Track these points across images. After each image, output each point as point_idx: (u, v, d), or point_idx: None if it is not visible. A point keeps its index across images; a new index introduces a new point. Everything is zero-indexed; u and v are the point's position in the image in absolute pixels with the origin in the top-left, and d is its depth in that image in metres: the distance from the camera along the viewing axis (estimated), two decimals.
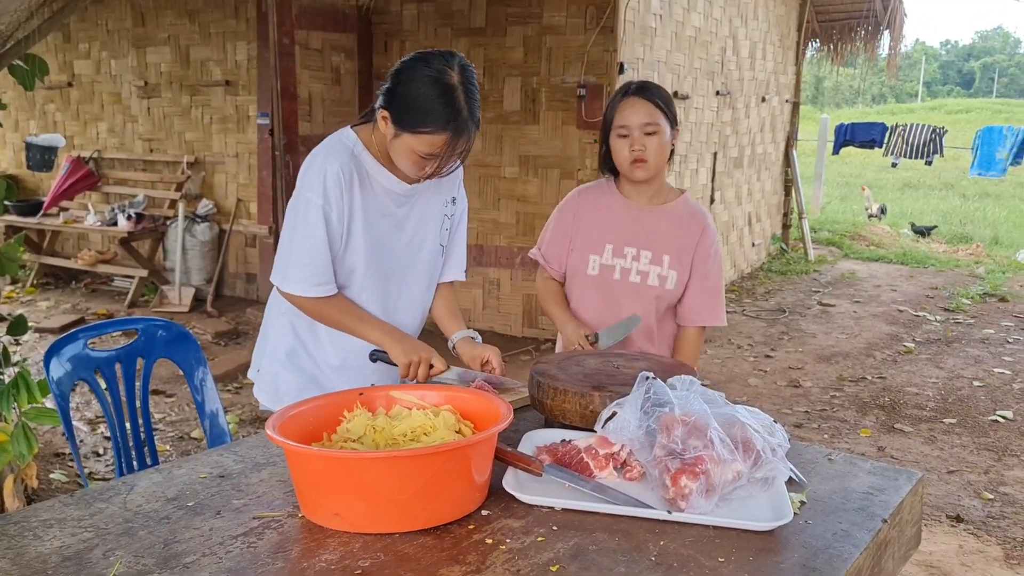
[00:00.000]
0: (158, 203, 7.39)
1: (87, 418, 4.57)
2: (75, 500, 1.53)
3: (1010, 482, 3.99)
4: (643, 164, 2.31)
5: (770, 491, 1.51)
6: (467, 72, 1.91)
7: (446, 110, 1.86)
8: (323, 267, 2.00)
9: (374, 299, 2.12)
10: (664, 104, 2.32)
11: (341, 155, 2.00)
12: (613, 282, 2.40)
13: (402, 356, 2.01)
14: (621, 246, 2.41)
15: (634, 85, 2.36)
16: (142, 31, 7.40)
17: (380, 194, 2.06)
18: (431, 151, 1.90)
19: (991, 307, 7.58)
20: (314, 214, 1.97)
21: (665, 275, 2.39)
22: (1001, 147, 9.73)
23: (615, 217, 2.43)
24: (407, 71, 1.90)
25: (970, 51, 68.59)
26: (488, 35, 6.03)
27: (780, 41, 9.05)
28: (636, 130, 2.29)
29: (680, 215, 2.43)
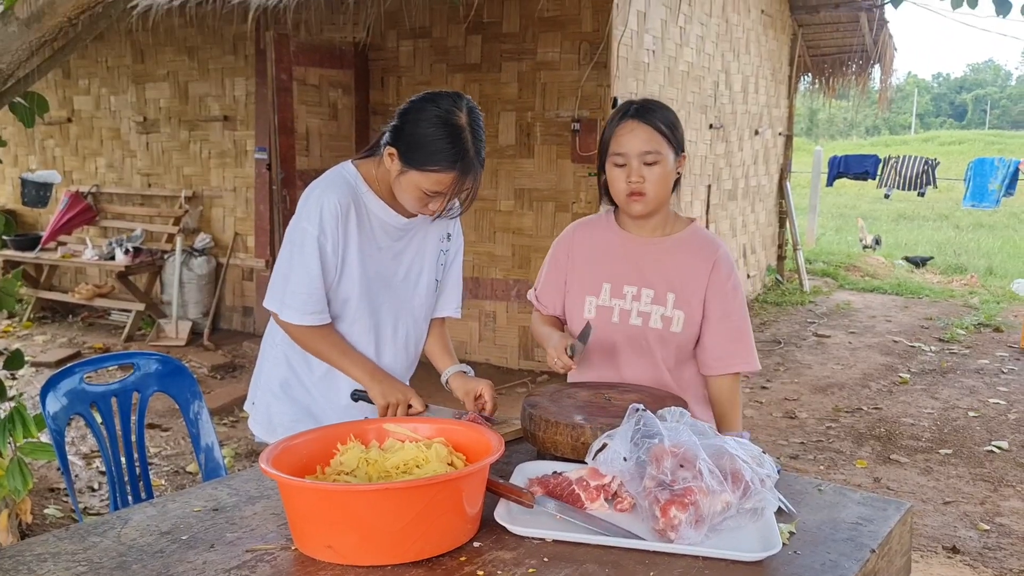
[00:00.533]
0: (156, 237, 7.43)
1: (82, 452, 4.56)
2: (69, 534, 1.54)
3: (1006, 513, 3.98)
4: (641, 198, 2.07)
5: (759, 522, 1.52)
6: (474, 114, 1.98)
7: (454, 150, 1.91)
8: (318, 296, 2.03)
9: (366, 330, 2.14)
10: (668, 128, 2.07)
11: (340, 188, 2.04)
12: (612, 326, 2.14)
13: (380, 397, 2.03)
14: (620, 285, 2.15)
15: (634, 106, 2.09)
16: (141, 67, 7.49)
17: (377, 227, 2.10)
18: (437, 189, 1.94)
19: (986, 337, 7.61)
20: (310, 244, 2.01)
21: (670, 316, 2.11)
22: (993, 178, 9.82)
23: (613, 253, 2.18)
24: (416, 110, 1.95)
25: (962, 83, 69.34)
26: (483, 71, 6.12)
27: (772, 75, 9.17)
28: (634, 159, 2.05)
29: (687, 247, 2.15)
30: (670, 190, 2.12)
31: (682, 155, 2.12)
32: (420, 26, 6.24)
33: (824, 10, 9.14)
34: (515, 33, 5.98)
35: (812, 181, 12.82)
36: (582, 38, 5.75)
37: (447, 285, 2.32)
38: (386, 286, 2.15)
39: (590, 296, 2.18)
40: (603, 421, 1.77)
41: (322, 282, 2.03)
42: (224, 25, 6.60)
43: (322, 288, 2.03)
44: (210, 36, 7.00)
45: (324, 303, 2.05)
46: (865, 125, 46.07)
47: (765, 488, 1.51)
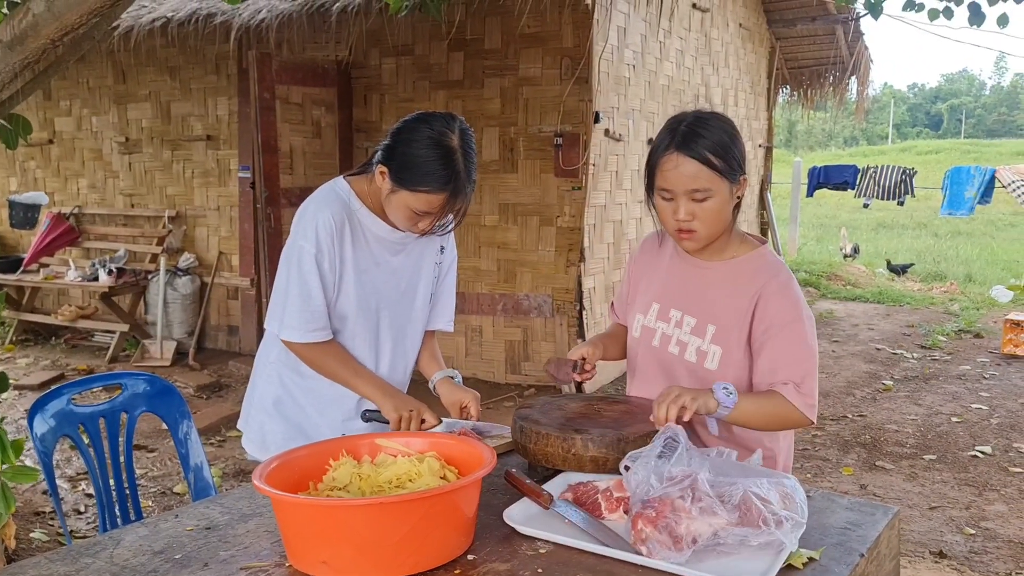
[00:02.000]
0: (139, 257, 7.40)
1: (67, 475, 4.52)
2: (61, 556, 1.54)
3: (991, 517, 4.02)
4: (691, 235, 1.86)
5: (766, 556, 1.46)
6: (467, 136, 1.98)
7: (445, 171, 1.92)
8: (318, 313, 2.04)
9: (365, 346, 2.15)
10: (719, 156, 1.81)
11: (333, 204, 2.05)
12: (652, 349, 2.01)
13: (392, 411, 2.04)
14: (668, 308, 1.99)
15: (680, 133, 1.83)
16: (123, 88, 7.48)
17: (373, 243, 2.11)
18: (427, 209, 1.96)
19: (967, 343, 7.69)
20: (307, 262, 2.02)
21: (706, 350, 1.92)
22: (970, 186, 9.94)
23: (668, 272, 2.03)
24: (408, 131, 1.97)
25: (937, 94, 70.27)
26: (466, 87, 6.15)
27: (751, 88, 9.27)
28: (681, 196, 1.83)
29: (738, 276, 1.92)
30: (727, 220, 1.89)
31: (742, 179, 1.87)
32: (403, 44, 6.28)
33: (801, 23, 9.27)
34: (497, 49, 6.03)
35: (792, 192, 12.93)
36: (563, 54, 5.80)
37: (440, 298, 2.34)
38: (384, 301, 2.16)
39: (639, 314, 2.06)
40: (594, 432, 1.79)
41: (323, 299, 2.04)
42: (206, 45, 6.61)
43: (323, 305, 2.05)
44: (192, 56, 7.00)
45: (326, 320, 2.06)
46: (843, 136, 46.57)
47: (781, 529, 1.45)
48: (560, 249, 5.95)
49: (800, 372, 1.84)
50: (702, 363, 1.93)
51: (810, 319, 1.90)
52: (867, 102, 10.75)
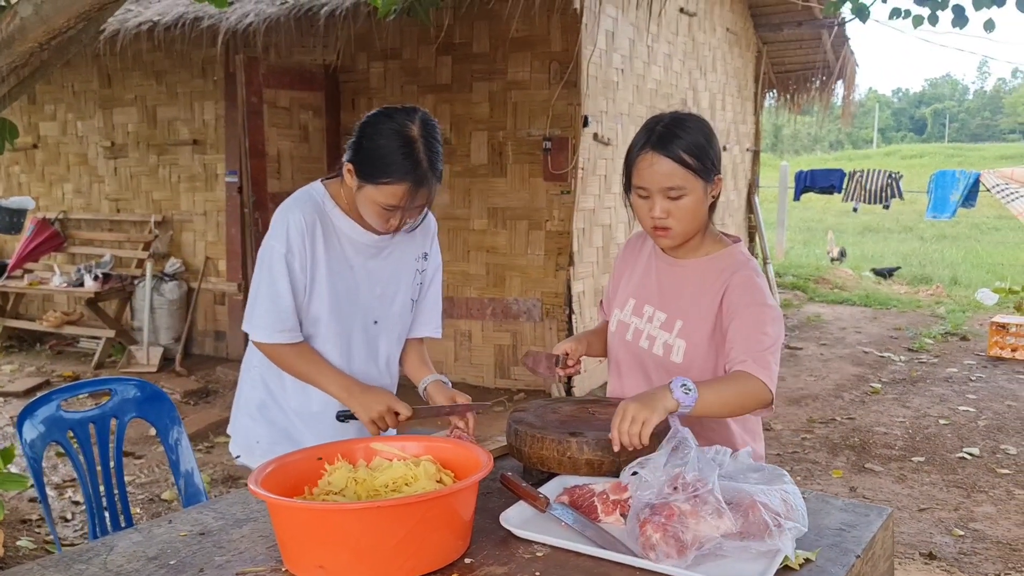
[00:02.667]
0: (125, 263, 7.36)
1: (54, 483, 4.48)
2: (54, 563, 1.52)
3: (980, 518, 4.05)
4: (666, 232, 1.91)
5: (763, 558, 1.47)
6: (429, 126, 1.96)
7: (406, 162, 1.91)
8: (286, 314, 2.03)
9: (339, 350, 2.13)
10: (693, 156, 1.85)
11: (305, 205, 2.04)
12: (626, 343, 2.07)
13: (364, 414, 2.01)
14: (642, 303, 2.06)
15: (656, 133, 1.88)
16: (109, 92, 7.44)
17: (347, 245, 2.09)
18: (392, 202, 1.94)
19: (953, 346, 7.74)
20: (277, 262, 2.01)
21: (671, 344, 1.97)
22: (954, 190, 10.01)
23: (643, 269, 2.10)
24: (371, 125, 1.96)
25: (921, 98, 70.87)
26: (454, 91, 6.15)
27: (739, 92, 9.31)
28: (656, 194, 1.88)
29: (710, 271, 1.97)
30: (702, 218, 1.94)
31: (716, 178, 1.92)
32: (390, 48, 6.27)
33: (787, 28, 9.32)
34: (485, 53, 6.03)
35: (779, 196, 13.00)
36: (552, 58, 5.81)
37: (425, 305, 2.31)
38: (358, 304, 2.13)
39: (616, 309, 2.13)
40: (589, 435, 1.78)
41: (291, 300, 2.03)
42: (193, 49, 6.58)
43: (291, 306, 2.03)
44: (178, 60, 6.97)
45: (294, 321, 2.04)
46: (829, 140, 46.87)
47: (781, 536, 1.45)
48: (549, 253, 5.96)
49: (758, 347, 1.84)
50: (668, 356, 1.98)
51: (773, 309, 1.91)
52: (852, 106, 10.82)
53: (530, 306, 6.04)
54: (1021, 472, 4.63)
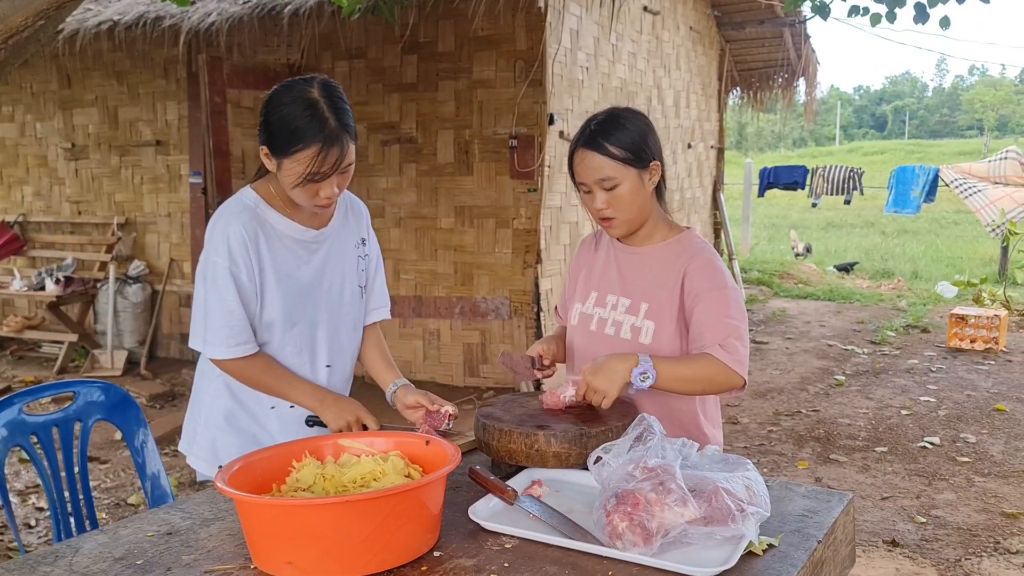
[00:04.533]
0: (88, 265, 7.26)
1: (16, 489, 4.41)
2: (18, 566, 1.51)
3: (941, 505, 4.13)
4: (611, 222, 2.02)
5: (727, 545, 1.49)
6: (329, 87, 1.94)
7: (313, 123, 1.88)
8: (240, 327, 2.00)
9: (299, 350, 2.12)
10: (623, 149, 1.96)
11: (241, 215, 2.01)
12: (589, 334, 2.12)
13: (333, 421, 2.02)
14: (604, 294, 2.13)
15: (587, 132, 2.00)
16: (68, 93, 7.34)
17: (289, 245, 2.07)
18: (309, 168, 1.90)
19: (914, 338, 7.88)
20: (222, 277, 1.98)
21: (639, 326, 2.04)
22: (915, 186, 10.19)
23: (604, 263, 2.17)
24: (272, 100, 1.94)
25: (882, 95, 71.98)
26: (420, 90, 6.15)
27: (703, 90, 9.40)
28: (594, 186, 1.99)
29: (667, 255, 2.06)
30: (643, 205, 2.03)
31: (652, 164, 2.01)
32: (355, 47, 6.25)
33: (750, 26, 9.42)
34: (451, 52, 6.03)
35: (744, 192, 13.14)
36: (517, 56, 5.83)
37: (375, 290, 2.31)
38: (311, 301, 2.12)
39: (577, 303, 2.18)
40: (556, 428, 1.80)
41: (243, 313, 2.00)
42: (154, 49, 6.50)
43: (244, 319, 2.00)
44: (140, 60, 6.89)
45: (249, 333, 2.02)
46: (792, 137, 47.44)
47: (745, 521, 1.47)
48: (517, 251, 5.97)
49: (724, 333, 1.91)
50: (637, 338, 2.03)
51: (735, 290, 2.00)
52: (815, 104, 10.97)
53: (498, 304, 6.05)
54: (980, 460, 4.73)
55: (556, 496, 1.74)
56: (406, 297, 6.23)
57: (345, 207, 2.22)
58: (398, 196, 6.25)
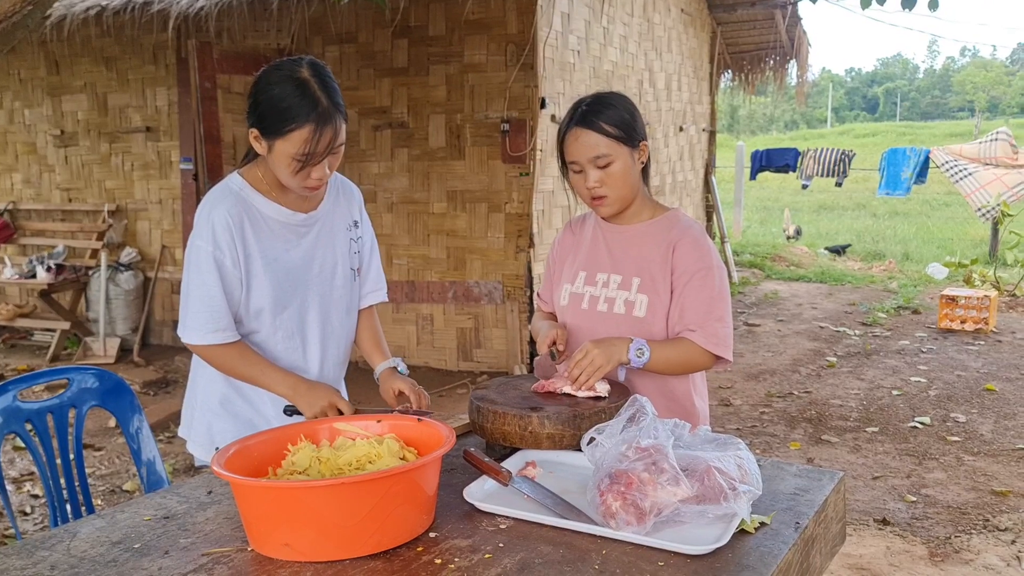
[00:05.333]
0: (79, 253, 7.23)
1: (10, 476, 4.41)
2: (16, 550, 1.52)
3: (931, 484, 4.17)
4: (603, 201, 2.06)
5: (720, 523, 1.51)
6: (317, 67, 1.92)
7: (304, 102, 1.86)
8: (219, 314, 1.98)
9: (290, 336, 2.11)
10: (616, 127, 2.02)
11: (227, 200, 1.99)
12: (581, 313, 2.15)
13: (307, 410, 1.99)
14: (594, 273, 2.16)
15: (580, 111, 2.05)
16: (57, 79, 7.28)
17: (276, 229, 2.05)
18: (303, 150, 1.88)
19: (905, 319, 7.93)
20: (205, 261, 1.96)
21: (633, 300, 2.08)
22: (906, 167, 10.22)
23: (591, 243, 2.21)
24: (261, 81, 1.92)
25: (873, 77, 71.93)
26: (411, 75, 6.13)
27: (694, 72, 9.38)
28: (587, 165, 2.03)
29: (656, 232, 2.11)
30: (634, 184, 2.08)
31: (642, 144, 2.07)
32: (346, 31, 6.22)
33: (741, 8, 9.41)
34: (441, 36, 6.01)
35: (736, 175, 13.15)
36: (508, 40, 5.81)
37: (371, 274, 2.30)
38: (302, 286, 2.11)
39: (566, 284, 2.21)
40: (549, 410, 1.82)
41: (223, 299, 1.98)
42: (143, 34, 6.46)
43: (224, 305, 1.98)
44: (129, 45, 6.84)
45: (228, 320, 2.00)
46: (784, 120, 47.43)
47: (737, 499, 1.49)
48: (509, 235, 5.98)
49: (703, 315, 2.01)
50: (631, 312, 2.08)
51: (720, 269, 2.08)
52: (806, 86, 10.98)
53: (491, 289, 6.06)
54: (970, 439, 4.78)
55: (550, 477, 1.76)
56: (399, 282, 6.23)
57: (336, 189, 2.20)
58: (390, 181, 6.24)
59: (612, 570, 1.38)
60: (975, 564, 3.37)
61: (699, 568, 1.39)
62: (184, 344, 2.06)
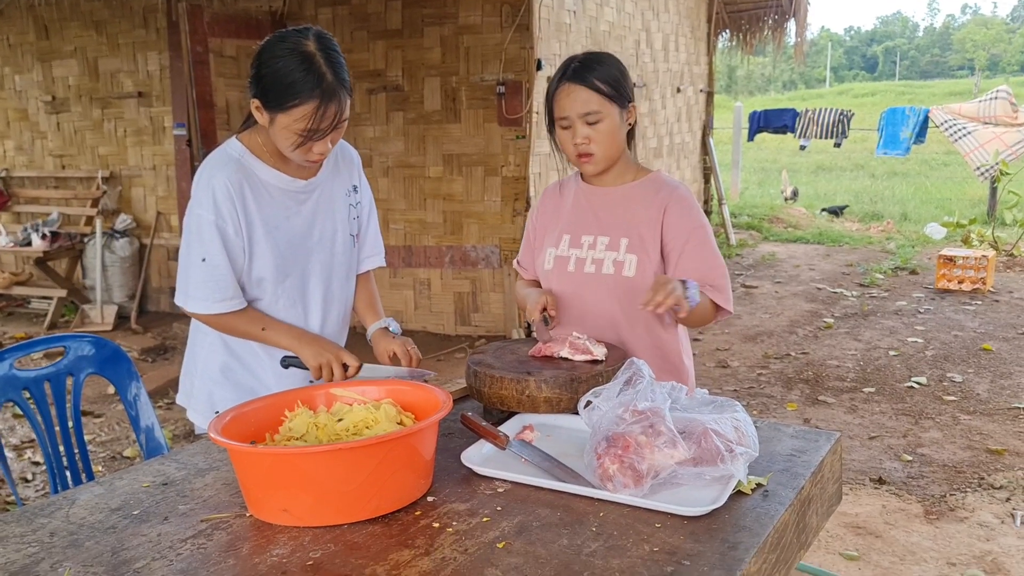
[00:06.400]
0: (74, 220, 7.20)
1: (12, 444, 4.43)
2: (15, 517, 1.52)
3: (927, 443, 4.20)
4: (590, 158, 2.07)
5: (716, 484, 1.51)
6: (324, 39, 1.89)
7: (309, 77, 1.83)
8: (224, 283, 1.97)
9: (292, 304, 2.10)
10: (608, 85, 2.02)
11: (227, 167, 1.97)
12: (567, 275, 2.15)
13: (311, 359, 1.99)
14: (579, 235, 2.16)
15: (572, 67, 2.06)
16: (47, 44, 7.19)
17: (277, 197, 2.03)
18: (306, 124, 1.86)
19: (903, 280, 7.93)
20: (207, 230, 1.94)
21: (622, 260, 2.09)
22: (905, 127, 10.15)
23: (574, 205, 2.20)
24: (266, 52, 1.88)
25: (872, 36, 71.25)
26: (405, 37, 6.05)
27: (692, 32, 9.28)
28: (577, 120, 2.04)
29: (643, 193, 2.12)
30: (620, 144, 2.10)
31: (630, 106, 2.08)
32: None
33: None
34: None
35: (734, 137, 13.07)
36: (503, 1, 5.73)
37: (368, 238, 2.29)
38: (303, 253, 2.10)
39: (551, 248, 2.20)
40: (546, 374, 1.81)
41: (228, 267, 1.96)
42: None
43: (229, 273, 1.97)
44: (118, 9, 6.74)
45: (235, 288, 1.99)
46: (782, 80, 47.06)
47: (734, 461, 1.49)
48: (506, 199, 5.95)
49: (706, 273, 2.07)
50: (620, 272, 2.09)
51: (708, 226, 2.14)
52: (805, 45, 10.85)
53: (488, 253, 6.04)
54: (966, 399, 4.80)
55: (547, 440, 1.77)
56: (396, 247, 6.21)
57: (335, 154, 2.18)
58: (386, 145, 6.19)
59: (609, 532, 1.38)
60: (969, 521, 3.41)
61: (696, 529, 1.39)
62: (185, 312, 2.05)
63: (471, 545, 1.36)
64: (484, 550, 1.34)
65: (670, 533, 1.38)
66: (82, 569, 1.32)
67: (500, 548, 1.34)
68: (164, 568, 1.31)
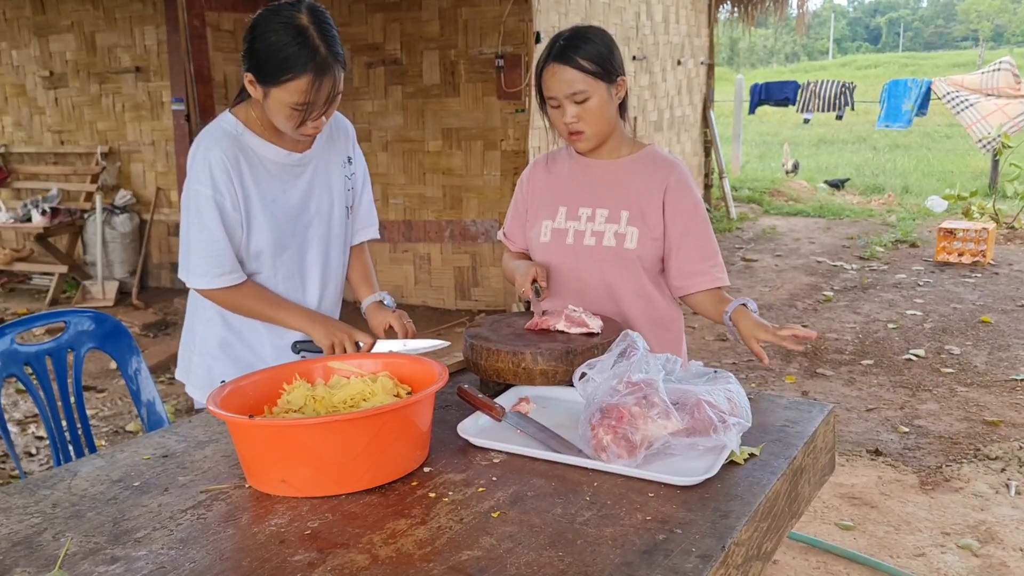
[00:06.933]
0: (73, 196, 7.19)
1: (15, 419, 4.47)
2: (18, 489, 1.54)
3: (923, 415, 4.23)
4: (581, 136, 2.07)
5: (709, 454, 1.53)
6: (317, 13, 1.88)
7: (303, 51, 1.82)
8: (224, 257, 1.98)
9: (290, 276, 2.12)
10: (593, 62, 2.00)
11: (222, 141, 1.97)
12: (566, 247, 2.14)
13: (324, 338, 2.00)
14: (576, 208, 2.15)
15: (557, 46, 2.03)
16: (43, 19, 7.15)
17: (273, 170, 2.04)
18: (300, 99, 1.86)
19: (903, 253, 7.93)
20: (206, 205, 1.95)
21: (623, 232, 2.09)
22: (907, 99, 10.10)
23: (569, 178, 2.20)
24: (258, 26, 1.87)
25: (876, 7, 70.52)
26: (403, 9, 6.01)
27: (692, 4, 9.20)
28: (564, 100, 2.03)
29: (641, 167, 2.14)
30: (611, 119, 2.09)
31: (619, 80, 2.06)
32: None
33: None
34: None
35: (735, 110, 13.00)
36: None
37: (361, 209, 2.29)
38: (300, 226, 2.10)
39: (546, 220, 2.19)
40: (542, 346, 1.83)
41: (227, 242, 1.97)
42: None
43: (228, 248, 1.98)
44: None
45: (233, 262, 2.00)
46: (784, 52, 46.69)
47: (727, 431, 1.51)
48: (505, 173, 5.94)
49: (712, 251, 2.14)
50: (622, 244, 2.10)
51: (703, 204, 2.21)
52: (807, 17, 10.78)
53: (488, 227, 6.04)
54: (964, 371, 4.82)
55: (543, 412, 1.78)
56: (395, 222, 6.21)
57: (329, 126, 2.17)
58: (384, 119, 6.18)
59: (603, 501, 1.40)
60: (964, 492, 3.44)
61: (689, 498, 1.41)
62: (188, 287, 2.06)
63: (466, 514, 1.38)
64: (479, 519, 1.36)
65: (663, 502, 1.40)
66: (84, 539, 1.34)
67: (495, 517, 1.36)
68: (164, 538, 1.34)
